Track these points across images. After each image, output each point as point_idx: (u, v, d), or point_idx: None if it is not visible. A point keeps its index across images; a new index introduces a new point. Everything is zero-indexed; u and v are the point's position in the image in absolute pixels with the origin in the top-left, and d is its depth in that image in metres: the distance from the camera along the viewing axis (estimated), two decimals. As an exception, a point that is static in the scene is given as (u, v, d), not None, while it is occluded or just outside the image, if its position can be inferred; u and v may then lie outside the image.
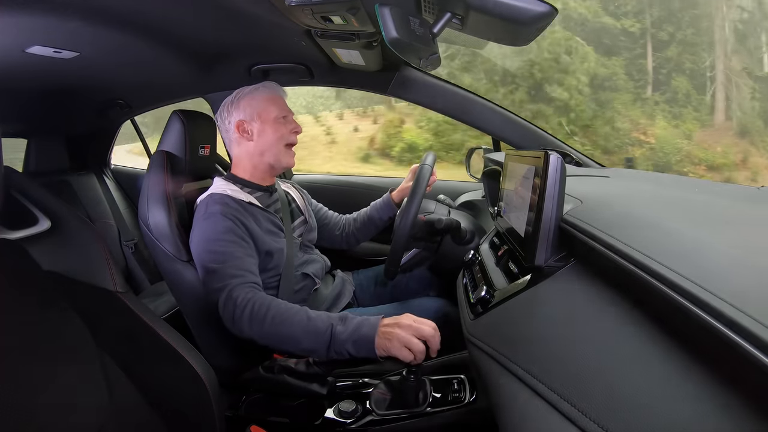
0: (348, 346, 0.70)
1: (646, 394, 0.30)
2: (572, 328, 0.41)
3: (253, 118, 0.96)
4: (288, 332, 0.73)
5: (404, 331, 0.69)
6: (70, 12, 0.77)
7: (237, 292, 0.77)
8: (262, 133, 0.96)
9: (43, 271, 0.56)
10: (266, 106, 0.96)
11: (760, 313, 0.24)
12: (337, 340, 0.71)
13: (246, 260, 0.84)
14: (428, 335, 0.69)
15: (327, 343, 0.71)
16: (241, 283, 0.79)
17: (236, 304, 0.76)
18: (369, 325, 0.71)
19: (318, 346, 0.72)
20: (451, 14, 0.62)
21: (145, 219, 0.93)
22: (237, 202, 0.90)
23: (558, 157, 0.52)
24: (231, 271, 0.80)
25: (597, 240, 0.42)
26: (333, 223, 1.22)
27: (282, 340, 0.74)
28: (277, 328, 0.74)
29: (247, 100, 0.96)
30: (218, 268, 0.81)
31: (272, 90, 0.99)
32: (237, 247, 0.84)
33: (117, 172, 1.99)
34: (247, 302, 0.76)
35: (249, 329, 0.75)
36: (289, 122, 0.99)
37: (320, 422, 0.83)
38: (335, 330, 0.71)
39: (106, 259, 0.63)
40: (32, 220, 0.63)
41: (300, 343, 0.73)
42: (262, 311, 0.74)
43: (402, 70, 1.19)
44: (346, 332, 0.70)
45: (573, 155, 1.14)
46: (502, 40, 0.74)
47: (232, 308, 0.76)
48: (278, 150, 0.97)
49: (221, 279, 0.80)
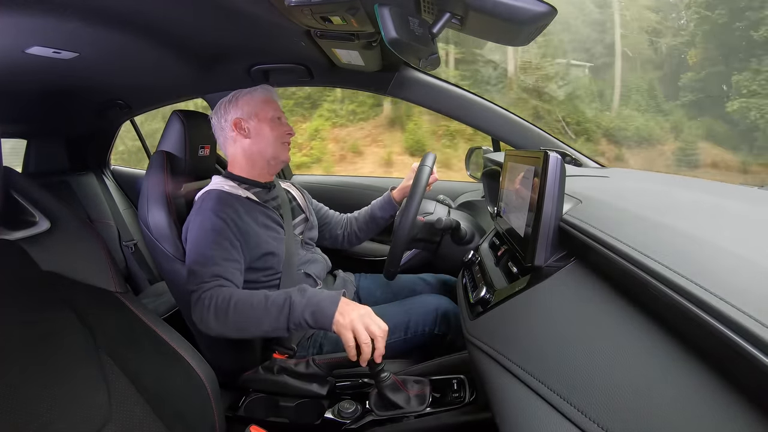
0: (306, 315, 0.72)
1: (646, 394, 0.30)
2: (572, 327, 0.41)
3: (251, 116, 0.97)
4: (251, 315, 0.74)
5: (360, 317, 0.71)
6: (70, 12, 0.77)
7: (204, 294, 0.79)
8: (259, 131, 0.97)
9: (43, 271, 0.56)
10: (263, 106, 0.98)
11: (760, 313, 0.24)
12: (296, 310, 0.72)
13: (224, 266, 0.83)
14: (376, 334, 0.70)
15: (287, 316, 0.72)
16: (212, 286, 0.80)
17: (203, 304, 0.77)
18: (329, 297, 0.73)
19: (279, 322, 0.73)
20: (451, 14, 0.62)
21: (145, 219, 0.93)
22: (233, 198, 0.90)
23: (557, 157, 0.52)
24: (206, 277, 0.81)
25: (596, 240, 0.42)
26: (334, 222, 1.22)
27: (247, 325, 0.75)
28: (239, 315, 0.75)
29: (245, 100, 0.98)
30: (197, 270, 0.82)
31: (269, 92, 1.02)
32: (220, 250, 0.84)
33: (117, 172, 1.99)
34: (211, 299, 0.77)
35: (216, 324, 0.76)
36: (284, 124, 1.01)
37: (320, 422, 0.83)
38: (293, 300, 0.73)
39: (105, 259, 0.63)
40: (32, 220, 0.63)
41: (262, 323, 0.74)
42: (224, 304, 0.76)
43: (401, 71, 1.19)
44: (304, 301, 0.72)
45: (572, 155, 1.14)
46: (502, 40, 0.74)
47: (200, 309, 0.78)
48: (276, 146, 0.99)
49: (196, 282, 0.81)
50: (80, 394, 0.49)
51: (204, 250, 0.84)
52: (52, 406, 0.46)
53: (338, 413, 0.82)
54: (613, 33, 5.17)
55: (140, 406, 0.55)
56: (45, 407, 0.45)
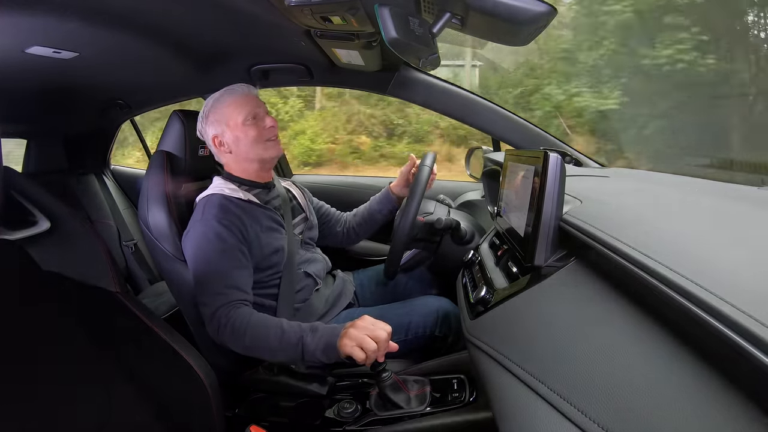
0: (318, 354, 0.75)
1: (646, 393, 0.30)
2: (572, 327, 0.41)
3: (223, 129, 0.93)
4: (265, 346, 0.78)
5: (358, 331, 0.73)
6: (70, 12, 0.77)
7: (220, 313, 0.81)
8: (236, 141, 0.93)
9: (43, 271, 0.56)
10: (230, 113, 0.92)
11: (760, 313, 0.24)
12: (308, 351, 0.76)
13: (233, 274, 0.84)
14: (379, 337, 0.73)
15: (300, 354, 0.77)
16: (225, 303, 0.82)
17: (219, 322, 0.81)
18: (333, 332, 0.76)
19: (293, 357, 0.78)
20: (451, 14, 0.62)
21: (145, 219, 0.93)
22: (235, 203, 0.90)
23: (558, 157, 0.52)
24: (217, 289, 0.82)
25: (597, 240, 0.42)
26: (334, 220, 1.22)
27: (261, 353, 0.80)
28: (255, 343, 0.79)
29: (214, 114, 0.94)
30: (205, 282, 0.83)
31: (233, 93, 0.94)
32: (226, 260, 0.84)
33: (117, 172, 1.99)
34: (228, 321, 0.80)
35: (231, 344, 0.81)
36: (260, 120, 0.94)
37: (320, 422, 0.83)
38: (305, 342, 0.76)
39: (106, 259, 0.63)
40: (32, 220, 0.63)
41: (276, 355, 0.80)
42: (241, 327, 0.79)
43: (401, 70, 1.19)
44: (314, 343, 0.76)
45: (572, 155, 1.14)
46: (502, 40, 0.74)
47: (216, 325, 0.81)
48: (256, 148, 0.94)
49: (208, 295, 0.83)
50: (80, 394, 0.49)
51: (212, 260, 0.84)
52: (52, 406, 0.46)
53: (338, 413, 0.82)
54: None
55: (140, 406, 0.55)
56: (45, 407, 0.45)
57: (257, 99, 0.96)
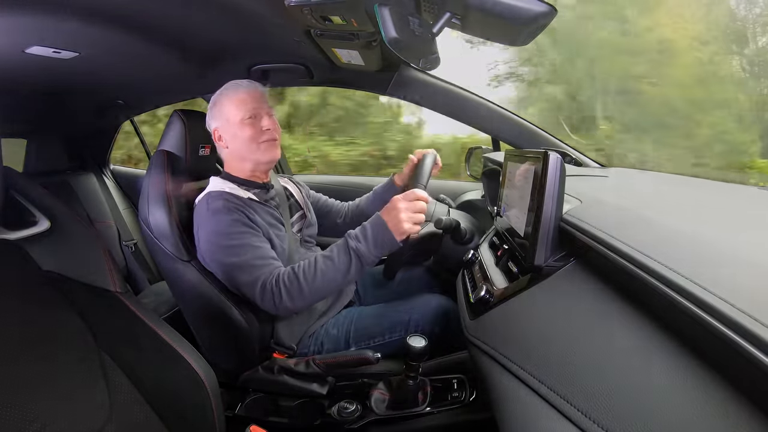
0: (376, 252, 0.78)
1: (646, 393, 0.30)
2: (572, 327, 0.41)
3: (224, 123, 0.93)
4: (324, 280, 0.79)
5: (407, 209, 0.77)
6: (70, 12, 0.77)
7: (267, 284, 0.80)
8: (234, 137, 0.92)
9: (43, 271, 0.56)
10: (230, 109, 0.91)
11: (760, 313, 0.24)
12: (364, 256, 0.78)
13: (263, 248, 0.85)
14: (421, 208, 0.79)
15: (359, 265, 0.79)
16: (266, 273, 0.82)
17: (273, 293, 0.80)
18: (377, 225, 0.78)
19: (353, 273, 0.79)
20: (451, 14, 0.62)
21: (146, 218, 0.93)
22: (236, 198, 0.90)
23: (558, 157, 0.52)
24: (255, 262, 0.82)
25: (596, 240, 0.42)
26: (335, 210, 1.22)
27: (324, 293, 0.81)
28: (313, 287, 0.79)
29: (218, 106, 0.93)
30: (240, 262, 0.82)
31: (238, 89, 0.92)
32: (250, 236, 0.85)
33: (117, 172, 1.99)
34: (277, 284, 0.80)
35: (293, 304, 0.80)
36: (259, 120, 0.92)
37: (320, 422, 0.83)
38: (358, 250, 0.78)
39: (105, 259, 0.63)
40: (32, 220, 0.63)
41: (339, 283, 0.80)
42: (294, 285, 0.79)
43: (401, 70, 1.19)
44: (367, 244, 0.78)
45: (572, 155, 1.14)
46: (502, 39, 0.74)
47: (271, 298, 0.80)
48: (251, 149, 0.92)
49: (248, 272, 0.82)
50: (80, 394, 0.49)
51: (236, 241, 0.84)
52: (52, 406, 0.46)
53: (338, 413, 0.82)
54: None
55: (140, 406, 0.55)
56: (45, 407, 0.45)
57: (262, 98, 0.94)
